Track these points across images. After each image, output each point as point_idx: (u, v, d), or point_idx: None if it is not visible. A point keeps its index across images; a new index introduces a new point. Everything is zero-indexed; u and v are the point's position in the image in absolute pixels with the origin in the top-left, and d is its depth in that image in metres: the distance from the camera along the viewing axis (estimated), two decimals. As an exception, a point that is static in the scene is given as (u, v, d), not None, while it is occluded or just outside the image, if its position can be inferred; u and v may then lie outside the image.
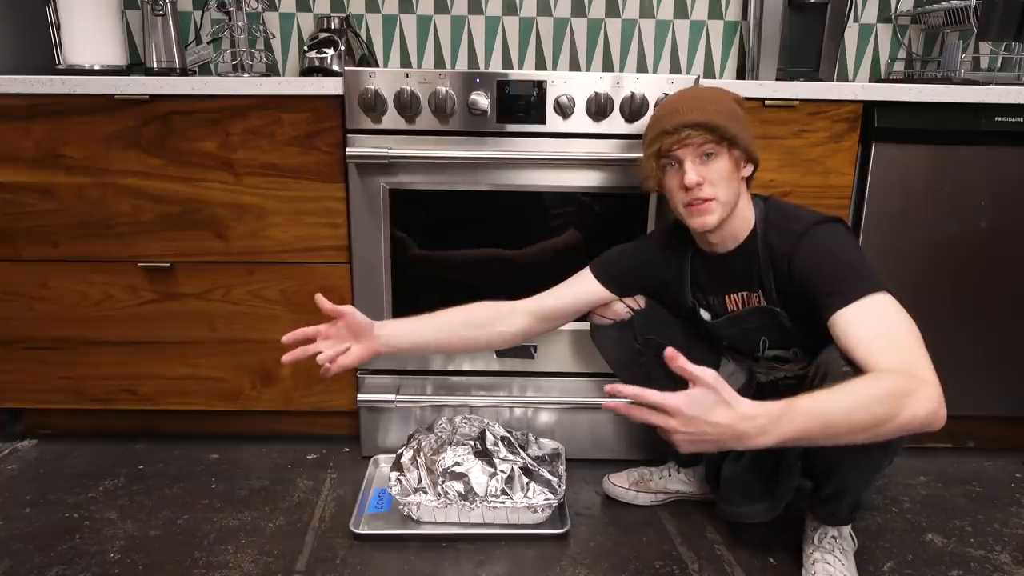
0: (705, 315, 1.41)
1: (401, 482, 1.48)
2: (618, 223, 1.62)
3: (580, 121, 1.57)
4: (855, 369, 1.09)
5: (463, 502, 1.44)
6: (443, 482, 1.45)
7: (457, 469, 1.46)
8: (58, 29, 1.75)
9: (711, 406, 0.97)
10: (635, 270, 1.43)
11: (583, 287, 1.44)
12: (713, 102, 1.24)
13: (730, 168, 1.24)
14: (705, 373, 0.97)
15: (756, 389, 1.44)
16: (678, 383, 1.46)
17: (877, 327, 1.11)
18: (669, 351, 0.99)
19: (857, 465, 1.19)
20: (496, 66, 2.18)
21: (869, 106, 1.61)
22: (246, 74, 1.92)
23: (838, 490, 1.27)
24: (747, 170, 1.29)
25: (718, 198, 1.23)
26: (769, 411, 0.99)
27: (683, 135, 1.21)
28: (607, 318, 1.46)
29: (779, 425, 0.99)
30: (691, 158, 1.23)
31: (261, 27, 2.11)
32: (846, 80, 2.20)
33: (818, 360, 1.20)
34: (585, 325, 1.54)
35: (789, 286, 1.24)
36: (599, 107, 1.54)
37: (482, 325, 1.41)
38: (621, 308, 1.44)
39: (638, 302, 1.44)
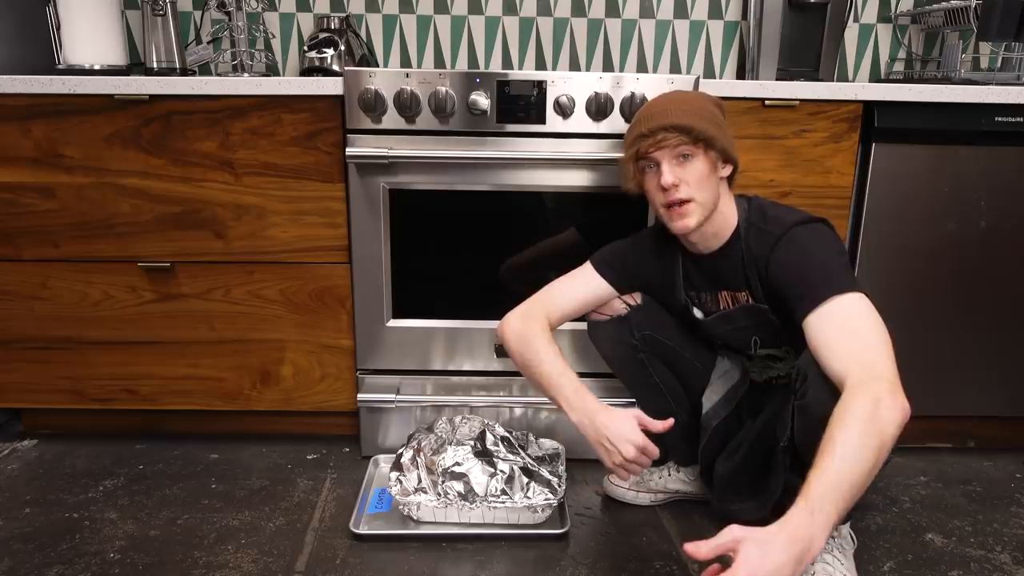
0: (698, 313, 1.41)
1: (401, 482, 1.48)
2: (618, 223, 1.61)
3: (580, 121, 1.57)
4: (827, 395, 1.09)
5: (463, 502, 1.44)
6: (443, 482, 1.45)
7: (457, 469, 1.46)
8: (58, 29, 1.75)
9: (761, 554, 0.92)
10: (633, 266, 1.44)
11: (591, 286, 1.44)
12: (689, 104, 1.26)
13: (707, 169, 1.25)
14: (729, 532, 0.95)
15: (750, 388, 1.45)
16: (675, 373, 1.47)
17: (840, 329, 1.12)
18: (688, 547, 0.95)
19: None
20: (496, 66, 2.18)
21: (869, 106, 1.61)
22: (246, 74, 1.92)
23: None
24: (725, 170, 1.30)
25: (695, 199, 1.25)
26: (798, 517, 0.96)
27: (659, 137, 1.23)
28: (604, 314, 1.46)
29: (816, 520, 0.95)
30: (668, 160, 1.25)
31: (261, 27, 2.11)
32: (846, 80, 2.20)
33: (798, 363, 1.21)
34: (580, 326, 1.54)
35: (770, 288, 1.26)
36: (599, 107, 1.54)
37: (554, 339, 1.39)
38: (618, 304, 1.45)
39: (634, 298, 1.45)
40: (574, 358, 1.70)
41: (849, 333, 1.11)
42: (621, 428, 1.24)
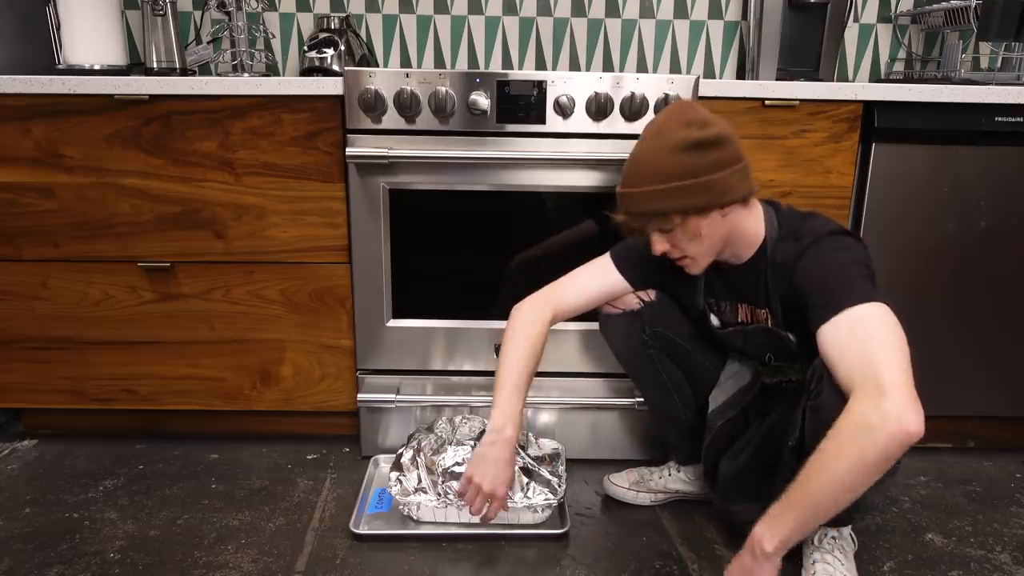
0: (715, 320, 1.40)
1: (401, 482, 1.48)
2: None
3: (580, 121, 1.57)
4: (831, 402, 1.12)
5: (463, 502, 1.44)
6: (443, 482, 1.45)
7: (457, 469, 1.46)
8: (58, 29, 1.75)
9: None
10: (654, 266, 1.41)
11: (606, 280, 1.43)
12: (656, 175, 1.17)
13: (694, 230, 1.21)
14: None
15: (760, 390, 1.44)
16: (684, 372, 1.47)
17: (852, 338, 1.10)
18: None
19: None
20: (496, 66, 2.18)
21: (869, 106, 1.61)
22: (246, 74, 1.92)
23: None
24: (728, 211, 1.21)
25: (689, 255, 1.26)
26: (756, 529, 1.13)
27: (633, 223, 1.24)
28: (617, 308, 1.46)
29: (767, 532, 1.11)
30: (651, 232, 1.25)
31: (261, 27, 2.11)
32: (846, 80, 2.21)
33: (814, 363, 1.20)
34: (585, 325, 1.55)
35: (792, 301, 1.24)
36: (599, 107, 1.54)
37: (541, 348, 1.38)
38: (632, 299, 1.44)
39: (648, 294, 1.44)
40: (579, 357, 1.70)
41: (861, 342, 1.09)
42: (501, 471, 1.31)
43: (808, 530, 1.09)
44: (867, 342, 1.09)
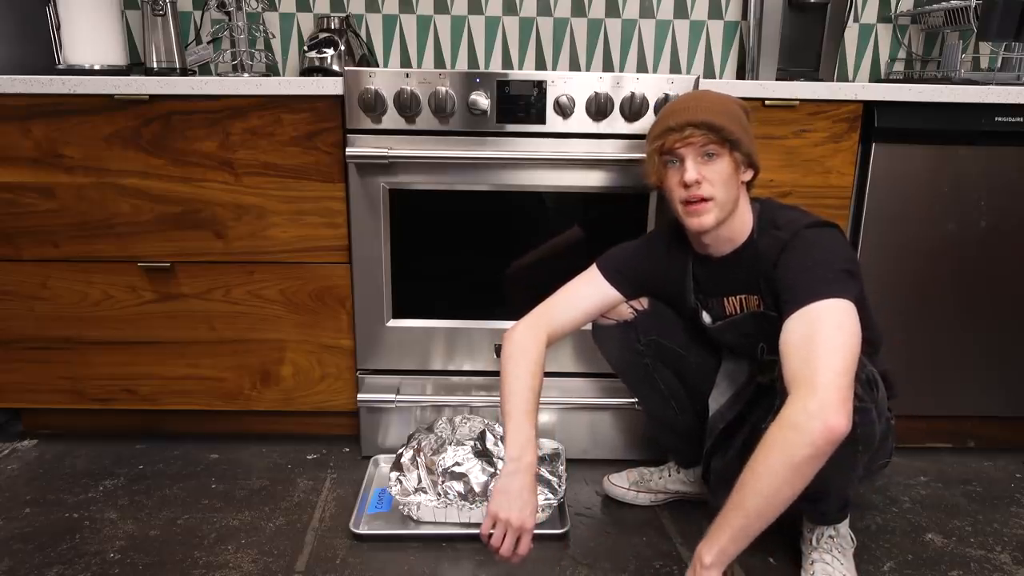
0: (706, 318, 1.40)
1: (401, 482, 1.48)
2: (618, 223, 1.62)
3: (580, 121, 1.57)
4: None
5: (463, 502, 1.45)
6: (443, 482, 1.46)
7: (457, 469, 1.46)
8: (58, 29, 1.75)
9: None
10: (643, 271, 1.41)
11: (597, 294, 1.41)
12: (719, 104, 1.26)
13: (730, 170, 1.24)
14: None
15: (756, 389, 1.44)
16: (680, 377, 1.47)
17: (800, 335, 1.11)
18: None
19: (830, 464, 1.17)
20: (496, 66, 2.18)
21: (869, 106, 1.61)
22: (246, 74, 1.92)
23: (820, 490, 1.26)
24: (747, 175, 1.30)
25: (716, 198, 1.24)
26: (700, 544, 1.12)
27: (686, 133, 1.22)
28: (610, 318, 1.45)
29: (707, 539, 1.11)
30: (693, 156, 1.24)
31: (261, 27, 2.11)
32: (846, 80, 2.21)
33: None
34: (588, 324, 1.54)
35: (773, 288, 1.25)
36: (599, 107, 1.54)
37: (542, 371, 1.35)
38: (625, 308, 1.43)
39: (641, 303, 1.43)
40: (575, 357, 1.71)
41: (805, 339, 1.10)
42: (527, 501, 1.23)
43: (749, 535, 1.08)
44: (813, 341, 1.09)
